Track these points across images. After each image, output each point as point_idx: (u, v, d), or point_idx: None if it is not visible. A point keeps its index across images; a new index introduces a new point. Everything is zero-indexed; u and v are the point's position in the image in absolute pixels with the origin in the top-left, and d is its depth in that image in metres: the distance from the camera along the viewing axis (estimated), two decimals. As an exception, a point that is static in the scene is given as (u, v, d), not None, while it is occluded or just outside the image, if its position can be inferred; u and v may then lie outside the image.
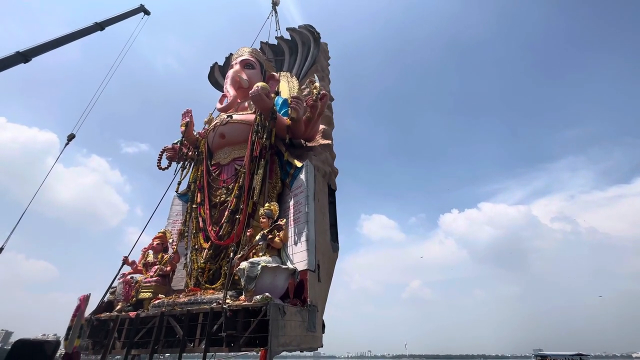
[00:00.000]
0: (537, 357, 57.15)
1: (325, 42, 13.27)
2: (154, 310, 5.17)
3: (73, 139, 11.04)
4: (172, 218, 8.53)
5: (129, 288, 5.99)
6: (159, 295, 5.83)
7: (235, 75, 9.31)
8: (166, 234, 7.40)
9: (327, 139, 10.07)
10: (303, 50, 12.37)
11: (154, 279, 6.18)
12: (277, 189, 7.59)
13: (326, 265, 6.90)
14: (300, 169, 7.46)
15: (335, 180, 9.40)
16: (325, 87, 11.72)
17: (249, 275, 4.68)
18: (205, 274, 6.27)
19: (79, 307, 3.78)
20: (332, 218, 8.32)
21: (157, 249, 6.94)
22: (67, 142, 10.93)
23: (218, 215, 7.25)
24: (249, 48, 10.62)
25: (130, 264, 6.75)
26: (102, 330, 5.17)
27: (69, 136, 10.96)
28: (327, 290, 6.85)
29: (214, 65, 12.93)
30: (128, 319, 5.06)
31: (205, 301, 4.91)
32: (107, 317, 5.31)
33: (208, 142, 8.66)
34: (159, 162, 8.68)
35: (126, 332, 4.97)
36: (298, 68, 12.19)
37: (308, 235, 6.19)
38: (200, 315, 4.45)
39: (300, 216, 6.67)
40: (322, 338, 5.99)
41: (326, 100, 8.45)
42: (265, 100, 7.50)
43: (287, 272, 5.10)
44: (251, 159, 7.45)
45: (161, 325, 4.65)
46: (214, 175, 7.94)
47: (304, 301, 5.28)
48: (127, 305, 5.71)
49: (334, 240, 7.95)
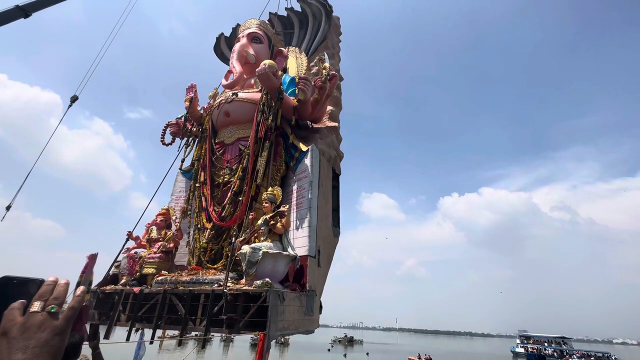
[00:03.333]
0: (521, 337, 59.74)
1: (338, 16, 12.52)
2: (157, 286, 5.32)
3: (76, 101, 10.87)
4: (176, 194, 8.57)
5: (133, 263, 6.15)
6: (162, 271, 5.98)
7: (242, 49, 8.89)
8: (169, 211, 7.46)
9: (334, 121, 9.78)
10: (314, 24, 11.69)
11: (157, 255, 6.32)
12: (281, 172, 7.50)
13: (327, 250, 6.97)
14: (305, 153, 7.31)
15: (340, 165, 9.25)
16: (335, 65, 11.20)
17: (250, 260, 4.73)
18: (207, 254, 6.39)
19: (88, 264, 3.94)
20: (335, 202, 8.27)
21: (161, 225, 7.03)
22: (71, 104, 10.77)
23: (221, 195, 7.24)
24: (257, 20, 10.05)
25: (135, 238, 6.88)
26: (107, 302, 5.37)
27: (72, 98, 10.78)
28: (326, 274, 6.97)
29: (220, 36, 12.34)
30: (132, 293, 5.23)
31: (207, 281, 5.02)
32: (112, 290, 5.50)
33: (212, 120, 8.47)
34: (162, 137, 8.57)
35: (130, 306, 5.16)
36: (308, 43, 11.58)
37: (310, 222, 6.18)
38: (202, 295, 4.56)
39: (303, 202, 6.63)
40: (319, 320, 6.18)
41: (335, 81, 8.09)
42: (273, 80, 7.20)
43: (287, 259, 5.15)
44: (256, 139, 7.30)
45: (164, 302, 4.80)
46: (218, 155, 7.84)
47: (303, 286, 5.38)
48: (132, 280, 5.89)
49: (336, 225, 7.96)
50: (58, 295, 0.68)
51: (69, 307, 0.70)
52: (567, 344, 53.18)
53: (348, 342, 63.49)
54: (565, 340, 53.86)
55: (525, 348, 53.81)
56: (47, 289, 0.69)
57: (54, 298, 0.67)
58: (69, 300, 0.72)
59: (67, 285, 0.72)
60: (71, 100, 10.82)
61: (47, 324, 0.63)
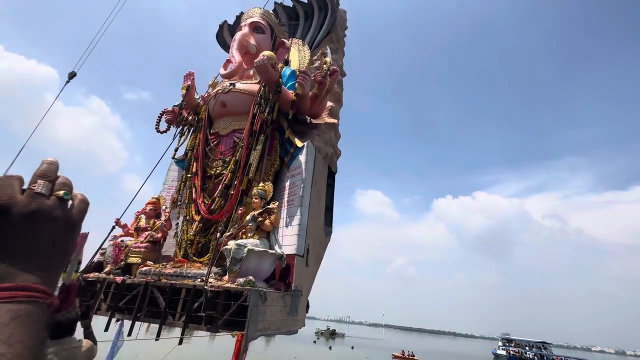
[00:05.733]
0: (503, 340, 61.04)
1: (344, 10, 12.24)
2: (140, 277, 5.25)
3: (74, 77, 10.58)
4: (168, 184, 8.44)
5: (119, 251, 6.05)
6: (148, 261, 5.90)
7: (243, 39, 8.66)
8: (160, 200, 7.34)
9: (334, 118, 9.63)
10: (319, 17, 11.42)
11: (143, 244, 6.22)
12: (275, 166, 7.38)
13: (316, 250, 6.91)
14: (300, 150, 7.19)
15: (336, 162, 9.15)
16: (338, 60, 10.97)
17: (235, 256, 4.66)
18: (193, 246, 6.30)
19: (78, 243, 3.84)
20: (329, 201, 8.19)
21: (150, 214, 6.92)
22: (68, 80, 10.47)
23: (212, 187, 7.13)
24: (261, 9, 9.77)
25: (122, 226, 6.77)
26: (89, 290, 5.30)
27: (70, 74, 10.47)
28: (315, 274, 6.93)
29: (223, 23, 12.02)
30: (114, 283, 5.15)
31: (190, 275, 4.95)
32: (95, 278, 5.41)
33: (209, 109, 8.29)
34: (157, 124, 8.38)
35: (112, 295, 5.08)
36: (312, 36, 11.32)
37: (300, 220, 6.10)
38: (183, 290, 4.50)
39: (295, 199, 6.54)
40: (304, 319, 6.16)
41: (336, 77, 7.91)
42: (271, 72, 7.02)
43: (273, 257, 5.09)
44: (250, 132, 7.15)
45: (145, 294, 4.73)
46: (212, 146, 7.70)
47: (289, 285, 5.33)
48: (116, 269, 5.80)
49: (328, 224, 7.89)
50: (67, 182, 0.50)
51: (80, 199, 0.51)
52: (547, 349, 54.49)
53: (330, 334, 64.41)
54: (545, 345, 55.17)
55: (507, 351, 55.07)
56: (51, 168, 0.49)
57: (64, 184, 0.49)
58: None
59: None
60: (69, 76, 10.50)
61: (59, 214, 0.46)
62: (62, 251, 0.48)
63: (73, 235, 0.49)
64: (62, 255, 0.48)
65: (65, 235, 0.48)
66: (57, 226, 0.46)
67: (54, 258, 0.46)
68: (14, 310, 0.38)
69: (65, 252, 0.48)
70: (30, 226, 0.43)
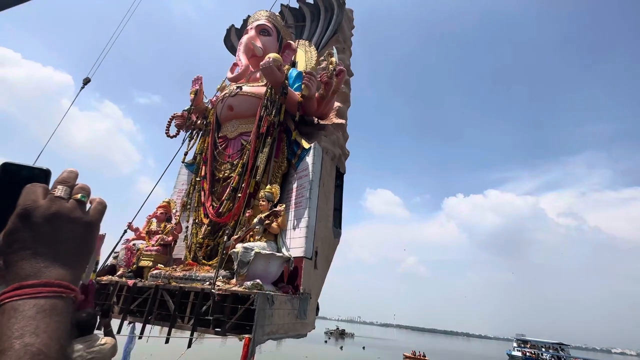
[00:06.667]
0: (518, 341, 59.46)
1: (351, 9, 12.14)
2: (151, 280, 5.34)
3: (88, 83, 10.89)
4: (178, 187, 8.57)
5: (131, 254, 6.19)
6: (159, 264, 6.00)
7: (249, 42, 8.71)
8: (170, 204, 7.46)
9: (342, 118, 9.56)
10: (325, 17, 11.37)
11: (155, 247, 6.34)
12: (282, 169, 7.38)
13: (325, 252, 6.88)
14: (307, 151, 7.17)
15: (345, 163, 9.08)
16: (345, 60, 10.89)
17: (242, 260, 4.68)
18: (202, 250, 6.38)
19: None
20: (337, 202, 8.14)
21: (161, 218, 7.04)
22: (83, 86, 10.78)
23: (221, 190, 7.19)
24: (267, 12, 9.81)
25: (134, 230, 6.91)
26: (102, 293, 5.43)
27: (84, 80, 10.79)
28: (324, 276, 6.89)
29: (231, 27, 12.14)
30: (126, 286, 5.26)
31: (199, 278, 5.01)
32: (108, 281, 5.54)
33: (217, 113, 8.38)
34: (167, 129, 8.53)
35: (124, 298, 5.20)
36: (319, 37, 11.28)
37: (308, 222, 6.08)
38: (191, 293, 4.55)
39: (302, 201, 6.53)
40: (314, 322, 6.13)
41: (343, 77, 7.84)
42: (277, 74, 7.03)
43: (281, 260, 5.08)
44: (257, 135, 7.18)
45: (155, 297, 4.81)
46: (220, 149, 7.77)
47: (297, 288, 5.32)
48: (128, 272, 5.93)
49: (337, 226, 7.84)
50: (85, 187, 0.55)
51: (98, 201, 0.56)
52: (564, 351, 52.77)
53: (340, 334, 64.21)
54: (563, 347, 53.45)
55: (522, 352, 53.62)
56: (71, 176, 0.54)
57: (82, 188, 0.54)
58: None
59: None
60: (84, 82, 10.82)
61: (78, 215, 0.51)
62: (84, 250, 0.52)
63: (92, 235, 0.53)
64: (83, 254, 0.52)
65: (85, 235, 0.52)
66: (77, 227, 0.51)
67: (76, 257, 0.50)
68: (40, 305, 0.42)
69: (86, 251, 0.52)
70: (51, 227, 0.48)
